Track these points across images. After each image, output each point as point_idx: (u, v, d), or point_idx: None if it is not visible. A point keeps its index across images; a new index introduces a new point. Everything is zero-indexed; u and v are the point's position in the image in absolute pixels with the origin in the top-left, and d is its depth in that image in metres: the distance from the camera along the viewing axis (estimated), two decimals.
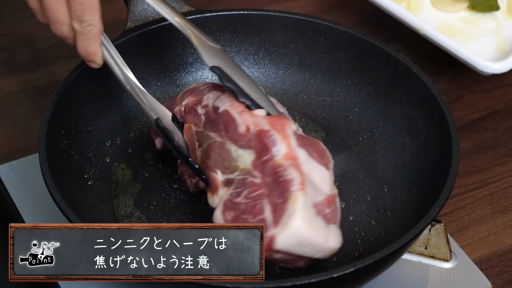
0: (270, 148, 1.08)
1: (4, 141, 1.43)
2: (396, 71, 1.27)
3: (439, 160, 1.17)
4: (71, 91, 1.23)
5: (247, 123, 1.12)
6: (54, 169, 1.13)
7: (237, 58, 1.37)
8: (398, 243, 1.04)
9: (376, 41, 1.29)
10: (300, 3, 1.71)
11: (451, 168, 1.13)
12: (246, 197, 1.07)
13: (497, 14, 1.50)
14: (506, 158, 1.43)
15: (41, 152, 1.13)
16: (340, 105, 1.34)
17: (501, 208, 1.35)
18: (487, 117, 1.46)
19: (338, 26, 1.32)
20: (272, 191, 1.06)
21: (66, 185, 1.15)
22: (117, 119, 1.30)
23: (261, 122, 1.11)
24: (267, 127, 1.10)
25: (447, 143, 1.16)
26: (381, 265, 1.07)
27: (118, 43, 1.27)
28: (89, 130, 1.26)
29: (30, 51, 1.60)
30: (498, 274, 1.26)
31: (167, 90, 1.35)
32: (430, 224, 1.13)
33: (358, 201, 1.22)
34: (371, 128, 1.30)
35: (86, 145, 1.25)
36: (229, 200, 1.08)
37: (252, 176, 1.08)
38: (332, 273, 1.00)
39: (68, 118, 1.23)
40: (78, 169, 1.21)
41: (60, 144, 1.19)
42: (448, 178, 1.12)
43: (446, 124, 1.18)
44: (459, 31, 1.47)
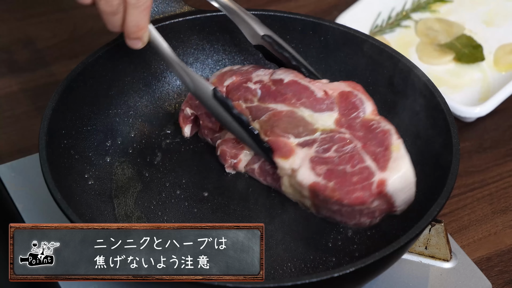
0: (358, 106, 1.18)
1: (4, 141, 1.43)
2: (396, 71, 1.27)
3: (439, 160, 1.17)
4: (71, 90, 1.23)
5: (324, 88, 1.20)
6: (55, 168, 1.13)
7: (238, 58, 1.37)
8: (399, 242, 1.04)
9: (376, 41, 1.29)
10: (300, 3, 1.71)
11: (451, 167, 1.13)
12: (337, 151, 1.15)
13: (483, 64, 1.53)
14: (506, 158, 1.43)
15: (42, 152, 1.13)
16: None
17: (501, 208, 1.35)
18: (487, 117, 1.46)
19: (338, 27, 1.32)
20: (368, 142, 1.15)
21: (66, 184, 1.15)
22: (118, 118, 1.30)
23: (339, 86, 1.20)
24: (349, 89, 1.20)
25: (447, 143, 1.16)
26: (381, 265, 1.07)
27: (118, 44, 1.27)
28: (89, 130, 1.26)
29: (30, 51, 1.60)
30: (498, 274, 1.26)
31: (167, 89, 1.35)
32: (430, 224, 1.13)
33: None
34: None
35: (86, 145, 1.25)
36: (317, 157, 1.14)
37: (339, 133, 1.16)
38: (333, 272, 1.00)
39: (69, 118, 1.23)
40: (78, 169, 1.21)
41: (60, 143, 1.19)
42: (448, 177, 1.12)
43: (447, 124, 1.18)
44: (446, 82, 1.50)
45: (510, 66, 1.52)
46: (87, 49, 1.60)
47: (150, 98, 1.34)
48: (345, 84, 1.21)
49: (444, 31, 1.57)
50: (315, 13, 1.68)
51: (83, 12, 1.66)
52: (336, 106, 1.19)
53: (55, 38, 1.62)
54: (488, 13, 1.61)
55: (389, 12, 1.59)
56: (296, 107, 1.19)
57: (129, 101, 1.31)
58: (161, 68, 1.34)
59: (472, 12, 1.61)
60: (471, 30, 1.57)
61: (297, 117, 1.19)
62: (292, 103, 1.20)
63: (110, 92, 1.29)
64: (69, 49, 1.60)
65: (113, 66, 1.29)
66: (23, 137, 1.44)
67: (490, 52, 1.54)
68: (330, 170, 1.13)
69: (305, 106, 1.19)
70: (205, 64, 1.36)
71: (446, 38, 1.56)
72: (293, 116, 1.19)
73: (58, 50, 1.60)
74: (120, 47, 1.27)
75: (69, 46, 1.61)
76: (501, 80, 1.48)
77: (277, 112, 1.20)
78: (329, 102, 1.19)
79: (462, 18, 1.60)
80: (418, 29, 1.58)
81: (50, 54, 1.59)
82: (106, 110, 1.29)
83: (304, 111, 1.19)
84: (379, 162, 1.12)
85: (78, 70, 1.24)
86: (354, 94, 1.19)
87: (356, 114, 1.18)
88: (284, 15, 1.33)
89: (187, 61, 1.36)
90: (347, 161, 1.13)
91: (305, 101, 1.20)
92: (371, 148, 1.14)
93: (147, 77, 1.34)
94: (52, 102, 1.19)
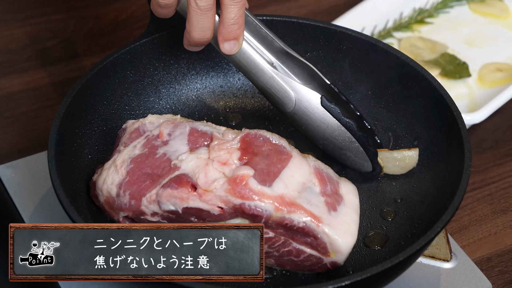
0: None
1: (4, 141, 1.43)
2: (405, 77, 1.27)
3: (452, 163, 1.17)
4: (86, 89, 1.22)
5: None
6: (61, 167, 1.12)
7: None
8: (419, 243, 1.05)
9: (392, 50, 1.28)
10: (300, 3, 1.71)
11: (464, 167, 1.13)
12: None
13: (469, 81, 1.54)
14: (506, 158, 1.43)
15: (50, 150, 1.12)
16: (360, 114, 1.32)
17: (501, 208, 1.35)
18: (487, 117, 1.46)
19: (359, 36, 1.30)
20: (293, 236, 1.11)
21: (71, 183, 1.15)
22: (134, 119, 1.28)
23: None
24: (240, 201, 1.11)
25: (458, 147, 1.17)
26: (400, 268, 1.09)
27: (139, 44, 1.27)
28: (104, 130, 1.25)
29: (30, 51, 1.60)
30: (498, 274, 1.26)
31: (186, 93, 1.34)
32: (445, 226, 1.13)
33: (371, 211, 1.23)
34: (388, 137, 1.30)
35: (99, 145, 1.24)
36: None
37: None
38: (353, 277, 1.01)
39: (82, 118, 1.22)
40: (87, 169, 1.20)
41: (73, 142, 1.19)
42: (462, 178, 1.12)
43: (458, 129, 1.18)
44: None
45: (495, 83, 1.53)
46: (87, 50, 1.60)
47: (169, 100, 1.33)
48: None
49: (427, 48, 1.59)
50: (315, 13, 1.68)
51: (83, 12, 1.67)
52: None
53: (55, 38, 1.62)
54: (469, 35, 1.63)
55: (372, 30, 1.60)
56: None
57: (147, 103, 1.31)
58: (182, 71, 1.33)
59: (453, 34, 1.63)
60: (454, 50, 1.60)
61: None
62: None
63: (128, 93, 1.29)
64: (69, 49, 1.60)
65: (133, 67, 1.28)
66: (23, 137, 1.44)
67: (474, 70, 1.56)
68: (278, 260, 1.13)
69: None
70: (226, 68, 1.36)
71: (430, 55, 1.58)
72: None
73: (58, 50, 1.60)
74: (141, 47, 1.27)
75: (69, 46, 1.61)
76: (487, 95, 1.50)
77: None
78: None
79: (444, 38, 1.62)
80: (402, 46, 1.59)
81: (50, 54, 1.59)
82: (123, 111, 1.28)
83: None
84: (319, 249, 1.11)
85: (94, 69, 1.23)
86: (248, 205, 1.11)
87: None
88: (295, 21, 1.31)
89: (208, 65, 1.35)
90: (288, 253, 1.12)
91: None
92: (302, 239, 1.11)
93: (168, 80, 1.33)
94: (66, 100, 1.18)
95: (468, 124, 1.43)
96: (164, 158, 1.14)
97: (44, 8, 1.67)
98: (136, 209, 1.12)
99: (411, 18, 1.64)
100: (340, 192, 1.14)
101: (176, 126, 1.18)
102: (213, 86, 1.36)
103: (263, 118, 1.33)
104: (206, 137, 1.16)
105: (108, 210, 1.14)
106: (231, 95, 1.36)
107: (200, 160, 1.13)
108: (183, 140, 1.16)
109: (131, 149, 1.16)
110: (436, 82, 1.23)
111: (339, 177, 1.17)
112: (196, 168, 1.12)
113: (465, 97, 1.51)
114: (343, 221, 1.11)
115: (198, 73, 1.35)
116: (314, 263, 1.11)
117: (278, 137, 1.15)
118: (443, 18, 1.66)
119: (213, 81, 1.36)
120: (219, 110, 1.34)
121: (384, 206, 1.22)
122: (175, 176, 1.12)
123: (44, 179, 1.26)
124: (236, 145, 1.14)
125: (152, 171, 1.13)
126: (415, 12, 1.65)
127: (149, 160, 1.14)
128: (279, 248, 1.11)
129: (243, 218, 1.10)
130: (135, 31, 1.63)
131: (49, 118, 1.46)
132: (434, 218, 1.09)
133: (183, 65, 1.33)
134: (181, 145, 1.15)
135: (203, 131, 1.17)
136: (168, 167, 1.13)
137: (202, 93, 1.35)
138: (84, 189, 1.18)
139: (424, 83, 1.24)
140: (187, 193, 1.10)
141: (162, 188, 1.11)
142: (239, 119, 1.33)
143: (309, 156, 1.17)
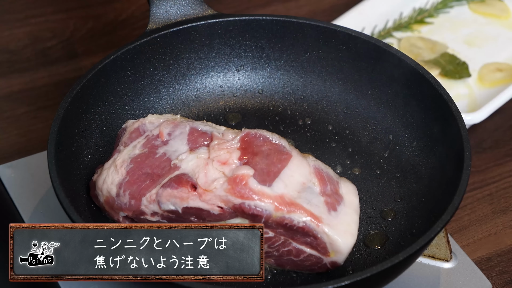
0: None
1: (4, 141, 1.43)
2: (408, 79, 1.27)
3: (452, 163, 1.17)
4: (87, 89, 1.22)
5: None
6: (61, 166, 1.12)
7: (259, 64, 1.35)
8: (419, 243, 1.05)
9: (392, 50, 1.27)
10: (301, 3, 1.71)
11: (464, 167, 1.13)
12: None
13: (468, 81, 1.54)
14: (506, 158, 1.43)
15: (50, 150, 1.12)
16: (360, 114, 1.32)
17: (501, 208, 1.35)
18: (487, 117, 1.46)
19: (359, 35, 1.30)
20: (293, 236, 1.11)
21: (71, 184, 1.15)
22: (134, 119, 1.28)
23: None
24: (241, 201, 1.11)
25: (458, 147, 1.17)
26: (400, 268, 1.08)
27: (138, 44, 1.27)
28: (104, 130, 1.25)
29: (30, 51, 1.60)
30: (498, 274, 1.26)
31: (186, 93, 1.35)
32: (445, 226, 1.13)
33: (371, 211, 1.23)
34: (388, 137, 1.29)
35: (100, 145, 1.24)
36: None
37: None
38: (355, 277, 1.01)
39: (82, 118, 1.22)
40: (87, 169, 1.20)
41: (73, 142, 1.19)
42: (462, 178, 1.12)
43: (458, 129, 1.18)
44: None
45: (495, 83, 1.53)
46: (87, 50, 1.60)
47: (169, 100, 1.33)
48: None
49: (427, 48, 1.59)
50: (316, 13, 1.68)
51: (83, 12, 1.67)
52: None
53: (55, 38, 1.62)
54: (469, 35, 1.63)
55: (372, 30, 1.60)
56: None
57: (147, 103, 1.31)
58: (182, 71, 1.33)
59: (453, 34, 1.63)
60: (454, 50, 1.59)
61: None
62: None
63: (128, 93, 1.29)
64: (69, 49, 1.60)
65: (133, 67, 1.28)
66: (23, 137, 1.44)
67: (474, 69, 1.56)
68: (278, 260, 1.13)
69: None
70: (226, 68, 1.36)
71: (430, 55, 1.58)
72: None
73: (58, 50, 1.60)
74: (141, 47, 1.27)
75: (69, 46, 1.61)
76: (487, 95, 1.50)
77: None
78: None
79: (444, 38, 1.62)
80: (402, 46, 1.59)
81: (50, 54, 1.59)
82: (123, 111, 1.28)
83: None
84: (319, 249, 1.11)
85: (94, 69, 1.23)
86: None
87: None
88: (306, 22, 1.31)
89: (208, 65, 1.35)
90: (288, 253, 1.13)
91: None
92: (301, 239, 1.11)
93: (167, 80, 1.33)
94: (64, 102, 1.18)
95: (468, 124, 1.43)
96: (164, 157, 1.14)
97: (44, 8, 1.67)
98: (136, 209, 1.12)
99: (411, 18, 1.65)
100: (340, 192, 1.14)
101: (176, 126, 1.18)
102: (213, 86, 1.36)
103: (263, 118, 1.33)
104: (206, 137, 1.16)
105: (108, 210, 1.15)
106: (231, 95, 1.36)
107: (200, 160, 1.13)
108: (183, 140, 1.16)
109: (131, 149, 1.16)
110: (436, 82, 1.23)
111: (339, 177, 1.17)
112: (196, 167, 1.12)
113: (465, 97, 1.51)
114: (343, 221, 1.11)
115: (198, 73, 1.35)
116: (314, 263, 1.11)
117: (278, 137, 1.15)
118: (443, 18, 1.66)
119: (213, 81, 1.36)
120: (219, 110, 1.35)
121: (384, 206, 1.22)
122: (175, 176, 1.12)
123: (44, 179, 1.26)
124: (236, 144, 1.14)
125: (152, 171, 1.14)
126: (415, 12, 1.65)
127: (149, 160, 1.15)
128: (279, 248, 1.11)
129: (243, 218, 1.10)
130: (135, 31, 1.64)
131: (49, 118, 1.46)
132: (434, 218, 1.09)
133: (183, 65, 1.33)
134: (181, 145, 1.16)
135: (203, 131, 1.17)
136: (168, 166, 1.13)
137: (202, 93, 1.35)
138: (84, 189, 1.18)
139: (424, 83, 1.24)
140: (187, 192, 1.10)
141: (162, 188, 1.11)
142: (239, 119, 1.33)
143: (309, 156, 1.17)
